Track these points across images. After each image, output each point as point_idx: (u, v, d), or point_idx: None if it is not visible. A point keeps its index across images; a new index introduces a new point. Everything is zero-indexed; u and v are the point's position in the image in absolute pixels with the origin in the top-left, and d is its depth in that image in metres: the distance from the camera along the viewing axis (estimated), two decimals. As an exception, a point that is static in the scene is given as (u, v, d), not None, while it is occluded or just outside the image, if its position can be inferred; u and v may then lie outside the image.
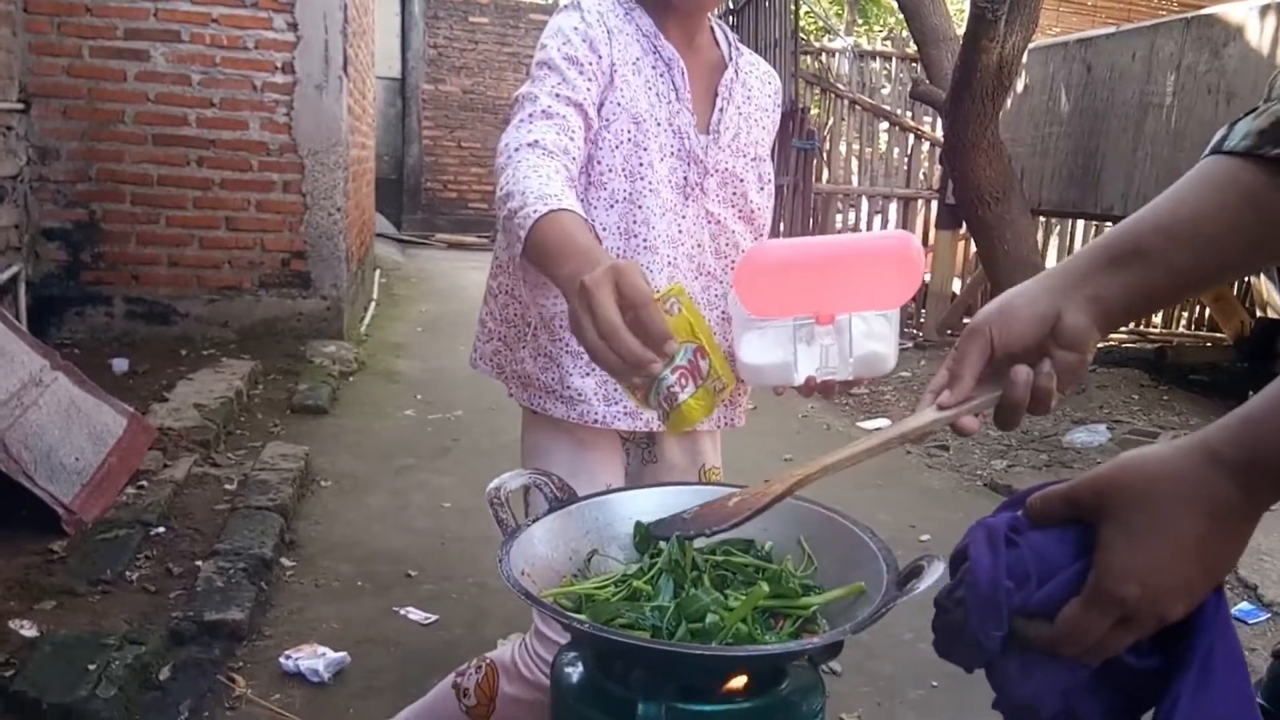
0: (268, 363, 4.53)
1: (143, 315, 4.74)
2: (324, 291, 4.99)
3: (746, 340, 1.28)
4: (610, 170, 1.35)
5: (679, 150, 1.39)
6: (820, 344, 1.27)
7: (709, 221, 1.43)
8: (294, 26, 4.73)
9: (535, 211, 1.09)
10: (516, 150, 1.21)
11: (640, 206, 1.36)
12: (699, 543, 0.98)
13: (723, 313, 1.45)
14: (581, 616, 0.84)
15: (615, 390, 1.38)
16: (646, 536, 1.00)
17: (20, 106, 4.30)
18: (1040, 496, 0.70)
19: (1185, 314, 7.23)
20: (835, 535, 0.99)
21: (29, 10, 4.37)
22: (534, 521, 0.98)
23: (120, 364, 4.15)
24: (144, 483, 2.85)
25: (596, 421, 1.40)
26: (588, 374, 1.37)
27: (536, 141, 1.21)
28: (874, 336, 1.26)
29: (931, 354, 5.96)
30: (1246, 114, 0.78)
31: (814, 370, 1.26)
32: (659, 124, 1.37)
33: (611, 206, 1.36)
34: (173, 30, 4.60)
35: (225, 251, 4.84)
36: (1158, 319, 7.23)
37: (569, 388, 1.40)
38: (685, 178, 1.40)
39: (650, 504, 1.03)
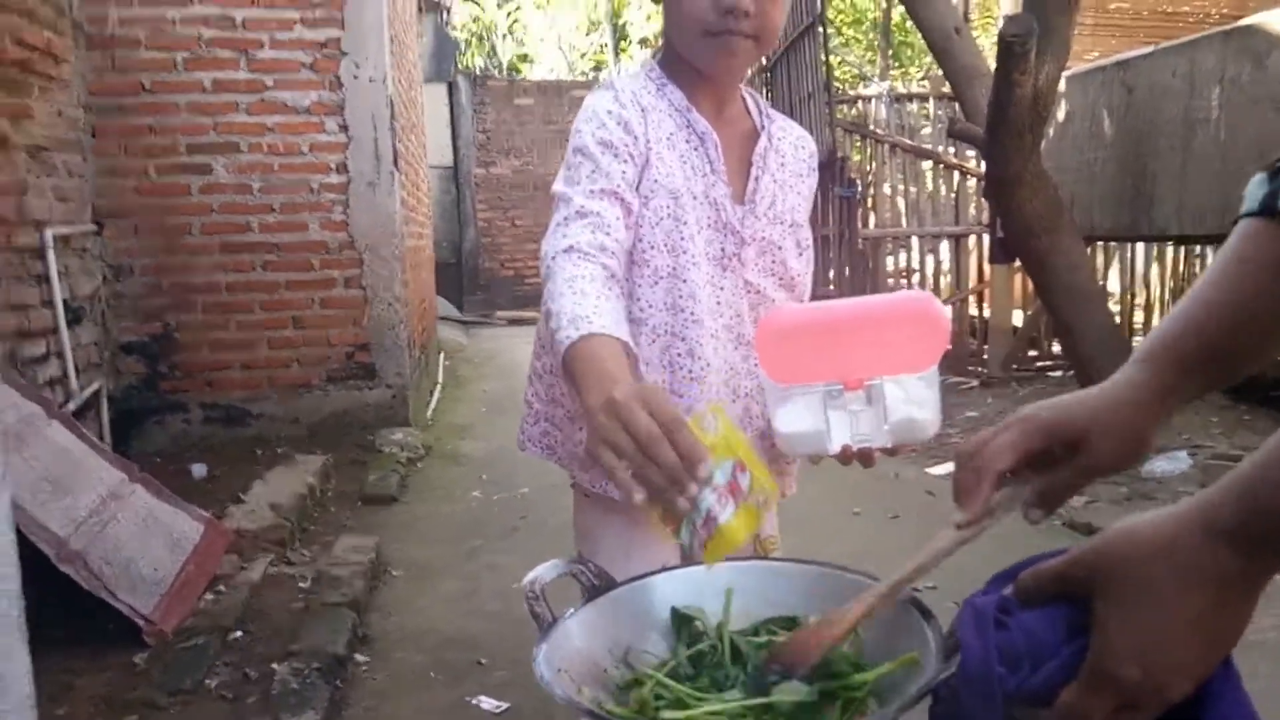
0: (339, 455, 4.65)
1: (219, 419, 4.91)
2: (389, 380, 5.12)
3: (779, 409, 1.28)
4: (652, 247, 1.36)
5: (715, 222, 1.39)
6: (852, 411, 1.25)
7: (748, 291, 1.43)
8: (345, 128, 4.93)
9: (568, 337, 1.10)
10: (554, 259, 1.23)
11: (684, 280, 1.36)
12: (739, 623, 0.97)
13: (760, 383, 1.45)
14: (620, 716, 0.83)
15: None
16: (682, 621, 0.98)
17: (94, 228, 4.55)
18: (1030, 574, 0.68)
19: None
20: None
21: (96, 135, 4.63)
22: (570, 614, 0.97)
23: (199, 469, 4.30)
24: (221, 587, 2.93)
25: None
26: None
27: (572, 247, 1.23)
28: (912, 402, 1.22)
29: (997, 391, 5.84)
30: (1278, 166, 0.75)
31: (848, 438, 1.24)
32: (695, 198, 1.37)
33: (656, 283, 1.37)
34: (232, 142, 4.83)
35: (293, 350, 5.00)
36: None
37: None
38: (723, 249, 1.40)
39: (689, 585, 1.00)
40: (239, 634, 2.68)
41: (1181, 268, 6.81)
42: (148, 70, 4.70)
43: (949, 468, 4.60)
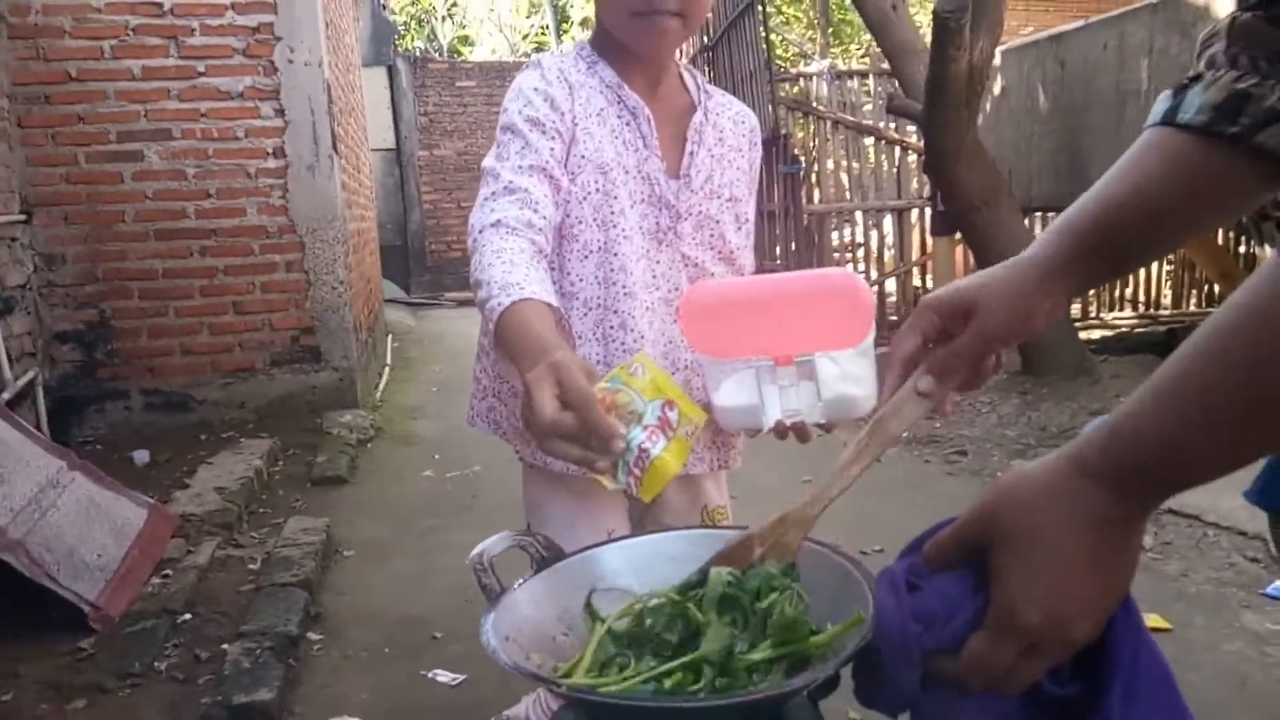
0: (286, 439, 4.59)
1: (160, 406, 4.82)
2: (335, 363, 5.07)
3: (716, 384, 1.29)
4: (581, 221, 1.36)
5: (649, 196, 1.40)
6: (784, 386, 1.24)
7: (685, 265, 1.44)
8: (281, 112, 4.85)
9: (499, 304, 1.10)
10: (481, 232, 1.23)
11: (615, 254, 1.37)
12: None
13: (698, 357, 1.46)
14: (561, 680, 0.82)
15: None
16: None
17: (22, 217, 4.43)
18: (933, 543, 0.70)
19: (1194, 292, 7.19)
20: (822, 569, 0.97)
21: (23, 125, 4.51)
22: (519, 585, 0.94)
23: (141, 456, 4.22)
24: (168, 571, 2.90)
25: (605, 470, 1.40)
26: None
27: (499, 221, 1.23)
28: (846, 378, 1.22)
29: (942, 361, 5.94)
30: (1192, 81, 0.77)
31: (780, 414, 1.24)
32: (627, 172, 1.38)
33: (586, 257, 1.37)
34: (164, 129, 4.72)
35: (235, 335, 4.93)
36: (1166, 299, 7.19)
37: None
38: (657, 223, 1.40)
39: (639, 554, 0.99)
40: (188, 616, 2.65)
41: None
42: (74, 59, 4.58)
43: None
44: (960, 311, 0.84)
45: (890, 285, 7.38)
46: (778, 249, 7.08)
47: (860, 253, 7.63)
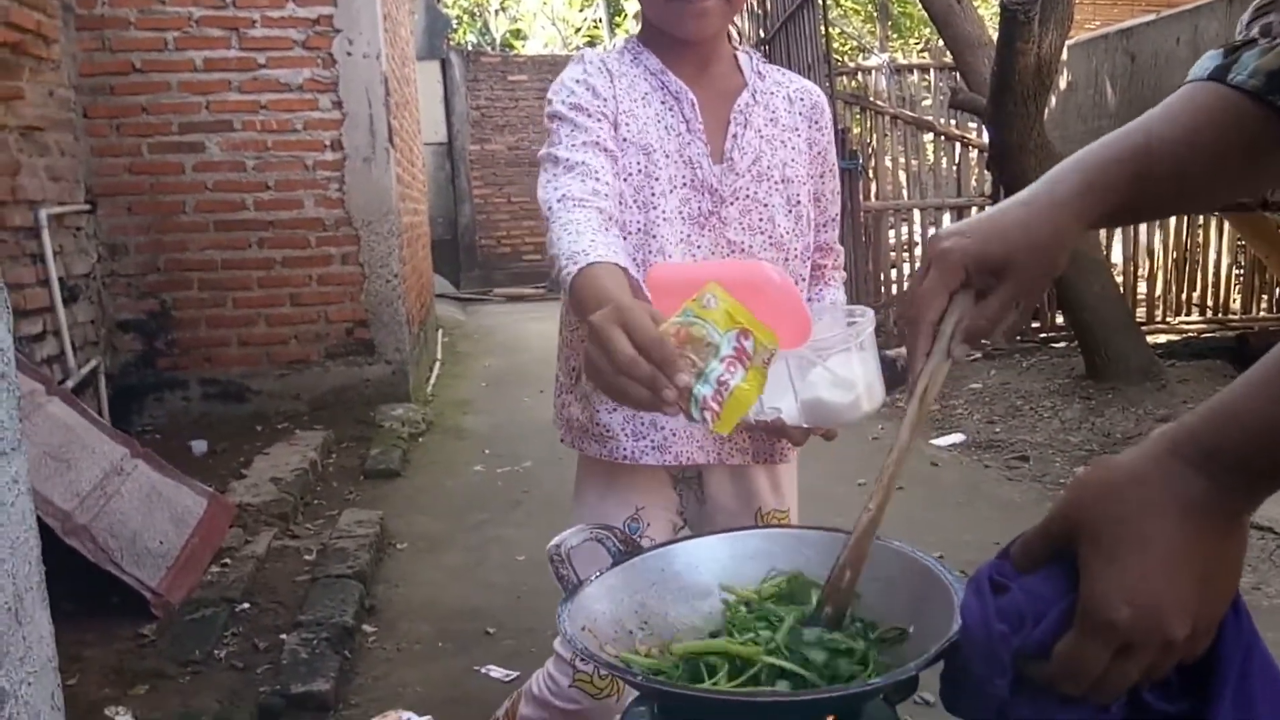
0: (340, 431, 4.62)
1: (218, 395, 4.88)
2: (388, 356, 5.09)
3: None
4: (622, 202, 1.36)
5: (691, 181, 1.39)
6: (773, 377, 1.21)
7: (730, 250, 1.41)
8: (339, 105, 4.88)
9: (568, 273, 1.12)
10: (550, 209, 1.25)
11: (654, 237, 1.36)
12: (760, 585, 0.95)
13: None
14: (637, 668, 0.83)
15: (642, 425, 1.39)
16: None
17: (88, 207, 4.50)
18: (1020, 541, 0.67)
19: (1265, 296, 6.96)
20: (904, 570, 0.95)
21: (88, 116, 4.59)
22: (596, 577, 0.95)
23: (199, 445, 4.28)
24: (227, 560, 2.92)
25: (625, 458, 1.40)
26: (615, 409, 1.38)
27: (564, 196, 1.25)
28: (839, 384, 1.17)
29: (1001, 362, 5.82)
30: (1247, 43, 0.74)
31: (761, 408, 1.19)
32: (668, 156, 1.38)
33: (625, 238, 1.36)
34: (225, 120, 4.78)
35: (291, 327, 4.98)
36: (1235, 303, 6.97)
37: (598, 424, 1.41)
38: (699, 208, 1.39)
39: (717, 552, 0.99)
40: (246, 605, 2.67)
41: (1184, 237, 6.79)
42: (138, 50, 4.65)
43: (954, 439, 4.60)
44: (991, 269, 0.79)
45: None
46: (832, 246, 6.99)
47: (917, 251, 7.51)
